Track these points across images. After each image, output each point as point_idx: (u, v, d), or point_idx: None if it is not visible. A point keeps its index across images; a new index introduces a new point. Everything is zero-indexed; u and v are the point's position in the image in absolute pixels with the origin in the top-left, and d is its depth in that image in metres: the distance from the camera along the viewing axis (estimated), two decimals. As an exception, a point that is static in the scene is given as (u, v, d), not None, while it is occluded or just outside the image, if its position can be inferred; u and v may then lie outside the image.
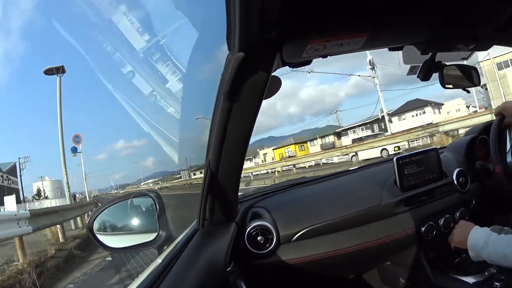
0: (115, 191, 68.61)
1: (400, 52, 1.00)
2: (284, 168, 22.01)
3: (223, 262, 0.81)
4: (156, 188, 40.49)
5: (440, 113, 31.58)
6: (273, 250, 1.08)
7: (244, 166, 0.98)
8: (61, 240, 7.50)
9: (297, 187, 1.42)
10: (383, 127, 28.10)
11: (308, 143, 40.86)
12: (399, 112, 32.98)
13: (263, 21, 0.55)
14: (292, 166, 20.25)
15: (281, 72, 0.82)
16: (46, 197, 34.58)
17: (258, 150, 47.88)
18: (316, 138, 40.11)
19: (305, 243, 1.12)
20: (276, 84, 0.84)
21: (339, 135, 37.32)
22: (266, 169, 24.61)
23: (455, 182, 1.31)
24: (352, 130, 35.91)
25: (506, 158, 1.26)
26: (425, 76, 1.05)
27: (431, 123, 19.41)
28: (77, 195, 27.60)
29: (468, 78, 1.18)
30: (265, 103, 0.80)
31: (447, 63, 1.10)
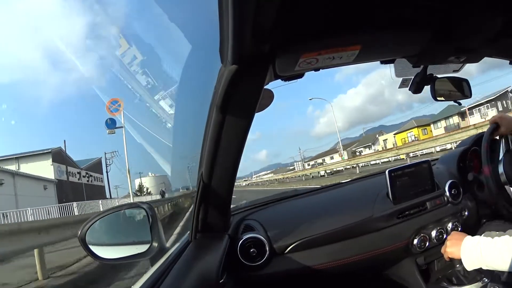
0: None
1: (392, 65, 1.02)
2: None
3: (215, 274, 0.81)
4: (269, 179, 38.00)
5: None
6: (266, 262, 1.08)
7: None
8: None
9: (290, 199, 1.42)
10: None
11: (432, 125, 36.34)
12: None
13: (256, 34, 0.56)
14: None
15: (273, 85, 0.83)
16: (149, 193, 32.94)
17: (377, 136, 44.31)
18: (440, 120, 35.38)
19: (297, 255, 1.12)
20: (268, 98, 0.85)
21: (462, 115, 33.16)
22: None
23: (447, 193, 1.31)
24: (477, 108, 31.38)
25: (498, 169, 1.27)
26: (416, 89, 1.06)
27: None
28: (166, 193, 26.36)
29: (460, 90, 1.19)
30: (372, 90, 0.79)
31: (439, 76, 1.12)
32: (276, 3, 0.51)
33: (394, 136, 39.19)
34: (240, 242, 1.07)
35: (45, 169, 22.86)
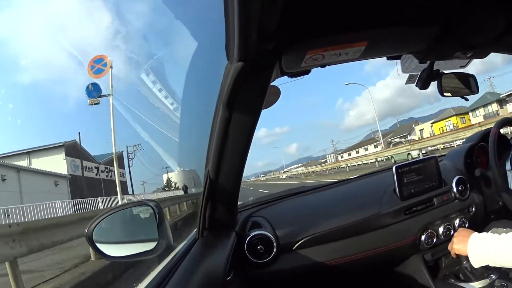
0: (254, 178, 66.70)
1: (398, 61, 1.01)
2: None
3: (223, 271, 0.81)
4: (299, 172, 36.11)
5: None
6: (273, 259, 1.08)
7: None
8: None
9: (297, 196, 1.42)
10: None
11: (470, 114, 33.46)
12: None
13: (262, 31, 0.56)
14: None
15: (280, 82, 0.82)
16: (177, 188, 30.98)
17: (413, 125, 41.83)
18: (478, 108, 32.27)
19: (305, 252, 1.12)
20: (275, 94, 0.84)
21: (501, 102, 30.52)
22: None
23: (455, 190, 1.31)
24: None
25: (506, 165, 1.26)
26: (423, 84, 1.05)
27: None
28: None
29: (466, 86, 1.18)
30: (400, 82, 0.79)
31: (445, 72, 1.11)
32: (281, 1, 0.51)
33: (431, 126, 36.44)
34: (248, 239, 1.07)
35: (58, 164, 20.80)
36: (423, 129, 38.09)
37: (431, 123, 37.11)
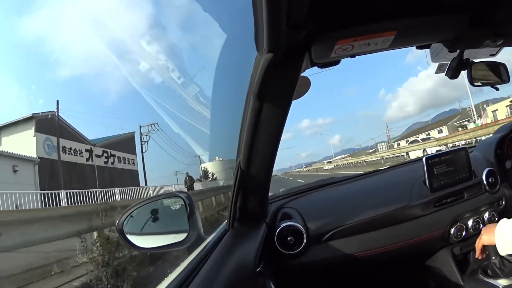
0: (295, 170, 63.89)
1: (428, 50, 0.99)
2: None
3: (252, 263, 0.81)
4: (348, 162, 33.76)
5: None
6: (303, 250, 1.08)
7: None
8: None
9: (327, 187, 1.42)
10: None
11: None
12: None
13: (291, 22, 0.56)
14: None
15: (310, 73, 0.82)
16: (215, 179, 29.13)
17: (484, 106, 34.62)
18: None
19: (334, 244, 1.12)
20: (305, 85, 0.84)
21: None
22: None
23: (485, 182, 1.28)
24: None
25: None
26: (453, 74, 1.03)
27: None
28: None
29: (497, 75, 1.15)
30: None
31: (475, 60, 1.08)
32: None
33: (508, 106, 30.41)
34: (278, 230, 1.08)
35: (25, 143, 14.63)
36: (497, 109, 32.53)
37: (510, 102, 30.38)
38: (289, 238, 1.08)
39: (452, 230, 1.19)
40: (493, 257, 1.14)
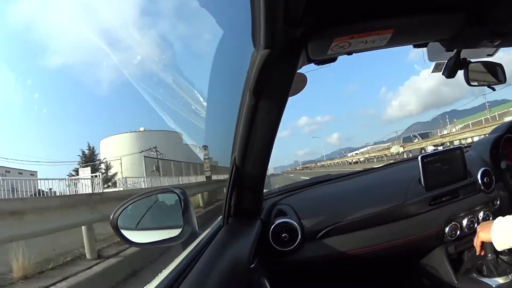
0: (290, 169, 63.54)
1: (425, 49, 0.99)
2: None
3: (247, 259, 0.81)
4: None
5: None
6: (297, 247, 1.09)
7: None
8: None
9: (322, 184, 1.42)
10: None
11: None
12: None
13: (288, 19, 0.56)
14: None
15: (306, 69, 0.82)
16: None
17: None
18: None
19: (329, 241, 1.12)
20: (301, 82, 0.84)
21: None
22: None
23: (480, 181, 1.28)
24: None
25: None
26: (450, 73, 1.04)
27: None
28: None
29: (494, 75, 1.16)
30: None
31: (472, 60, 1.09)
32: None
33: None
34: (272, 227, 1.08)
35: None
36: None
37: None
38: (283, 235, 1.08)
39: (447, 229, 1.19)
40: (489, 255, 1.14)
